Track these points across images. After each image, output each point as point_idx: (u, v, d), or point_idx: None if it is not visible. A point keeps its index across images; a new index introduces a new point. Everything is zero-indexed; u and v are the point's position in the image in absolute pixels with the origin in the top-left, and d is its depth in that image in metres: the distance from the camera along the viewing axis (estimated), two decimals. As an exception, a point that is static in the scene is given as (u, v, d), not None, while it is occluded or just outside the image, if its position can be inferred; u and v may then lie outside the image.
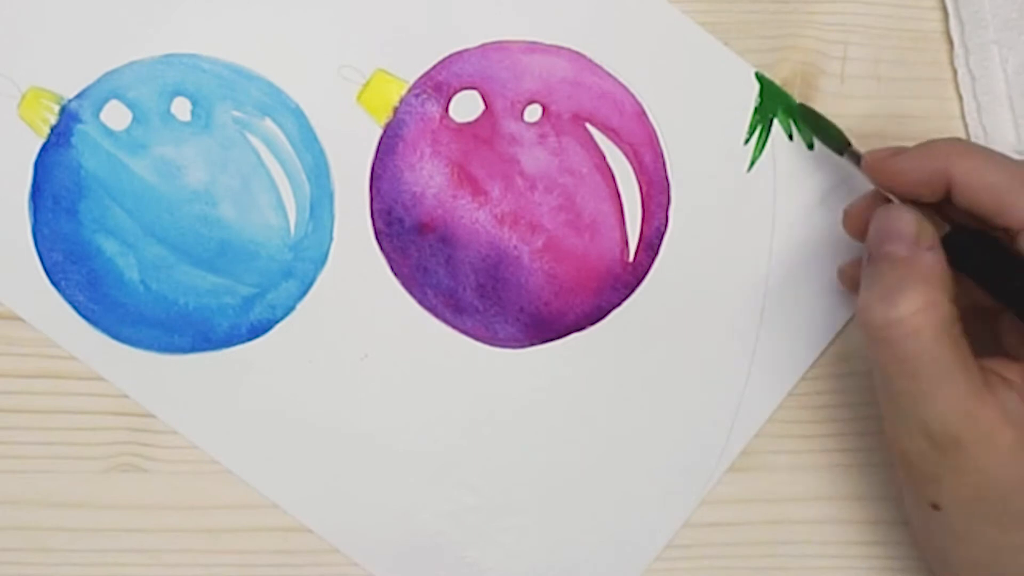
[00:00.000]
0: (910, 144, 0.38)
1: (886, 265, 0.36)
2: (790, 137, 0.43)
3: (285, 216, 0.42)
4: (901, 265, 0.36)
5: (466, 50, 0.43)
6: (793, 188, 0.43)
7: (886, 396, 0.37)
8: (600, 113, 0.43)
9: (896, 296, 0.35)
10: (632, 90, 0.43)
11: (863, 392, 0.43)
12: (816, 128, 0.42)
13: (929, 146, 0.37)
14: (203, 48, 0.42)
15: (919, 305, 0.35)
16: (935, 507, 0.36)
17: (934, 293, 0.35)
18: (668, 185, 0.43)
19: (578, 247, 0.43)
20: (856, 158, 0.39)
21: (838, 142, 0.41)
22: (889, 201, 0.38)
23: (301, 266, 0.42)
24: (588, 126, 0.43)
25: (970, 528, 0.36)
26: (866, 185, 0.40)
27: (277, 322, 0.42)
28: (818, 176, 0.43)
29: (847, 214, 0.40)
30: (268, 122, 0.42)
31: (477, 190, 0.43)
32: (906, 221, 0.36)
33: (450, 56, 0.42)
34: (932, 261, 0.35)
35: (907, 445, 0.36)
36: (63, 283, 0.42)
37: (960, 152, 0.36)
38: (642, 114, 0.43)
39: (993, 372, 0.36)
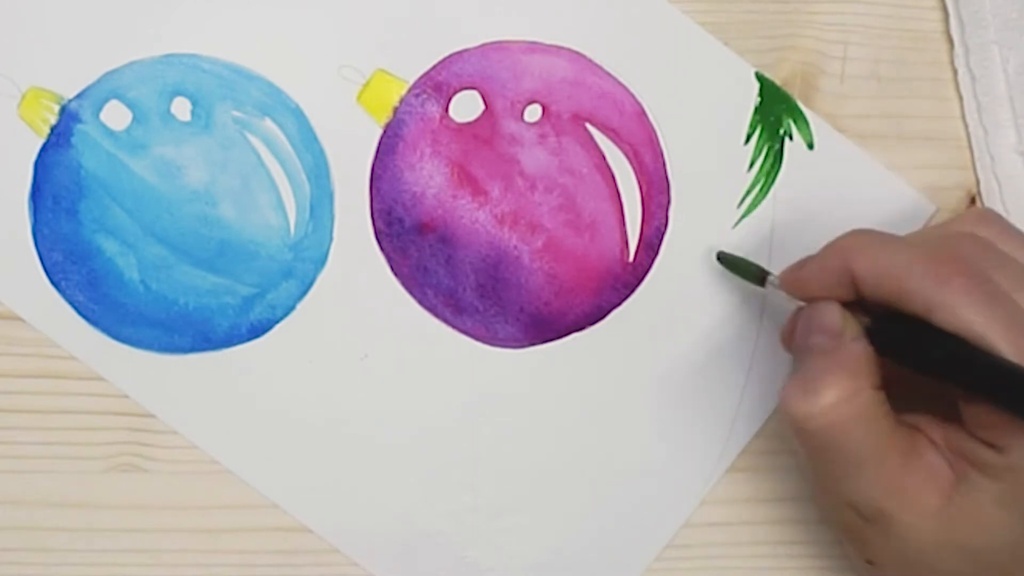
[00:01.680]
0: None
1: (810, 357, 0.37)
2: (790, 137, 0.43)
3: (285, 216, 0.42)
4: (824, 357, 0.36)
5: (466, 50, 0.43)
6: (793, 188, 0.43)
7: (812, 474, 0.37)
8: (600, 113, 0.43)
9: (817, 387, 0.35)
10: (632, 90, 0.43)
11: (863, 392, 0.43)
12: (736, 268, 0.42)
13: (829, 248, 0.38)
14: (203, 48, 0.42)
15: (839, 396, 0.35)
16: (869, 563, 0.37)
17: (855, 382, 0.35)
18: (668, 185, 0.43)
19: (578, 247, 0.43)
20: (775, 284, 0.40)
21: (757, 276, 0.41)
22: None
23: (301, 266, 0.42)
24: (588, 126, 0.43)
25: None
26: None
27: (277, 322, 0.42)
28: (818, 176, 0.43)
29: (783, 336, 0.40)
30: (268, 122, 0.42)
31: (477, 190, 0.43)
32: (830, 315, 0.37)
33: (450, 56, 0.42)
34: (856, 351, 0.36)
35: (836, 515, 0.37)
36: (63, 283, 0.42)
37: (857, 248, 0.37)
38: (642, 114, 0.43)
39: (920, 433, 0.36)
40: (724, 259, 0.42)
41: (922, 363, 0.36)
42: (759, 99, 0.43)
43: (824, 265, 0.37)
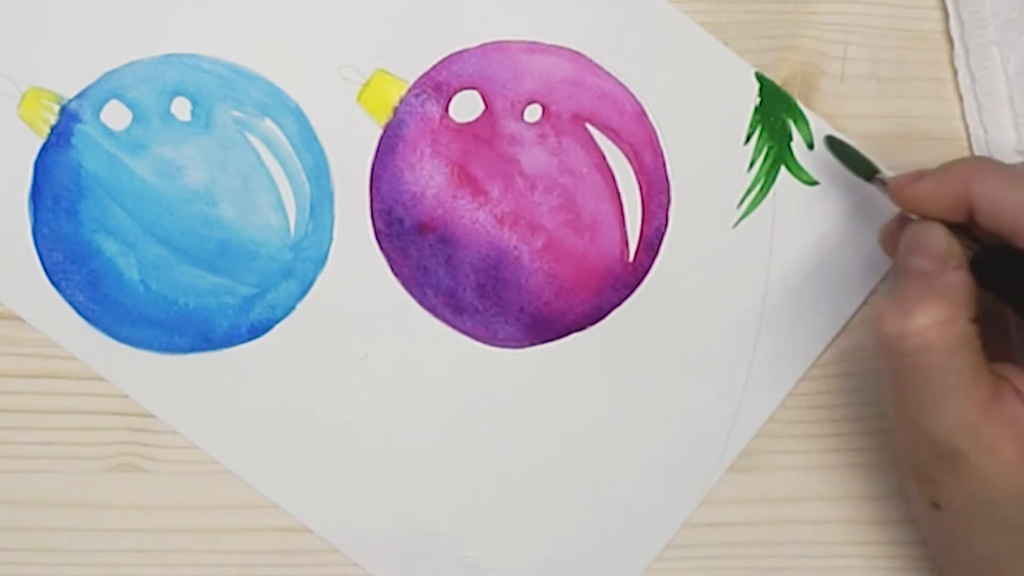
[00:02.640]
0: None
1: (910, 278, 0.36)
2: (790, 137, 0.43)
3: (285, 216, 0.42)
4: (924, 279, 0.36)
5: (466, 50, 0.43)
6: (793, 187, 0.43)
7: (894, 401, 0.37)
8: (600, 113, 0.43)
9: (913, 309, 0.35)
10: (632, 90, 0.43)
11: (864, 392, 0.43)
12: (844, 157, 0.42)
13: (950, 168, 0.37)
14: (203, 48, 0.42)
15: (935, 320, 0.35)
16: (935, 506, 0.37)
17: (952, 310, 0.35)
18: (668, 185, 0.43)
19: (578, 247, 0.43)
20: (883, 184, 0.39)
21: (867, 169, 0.41)
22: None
23: (301, 266, 0.42)
24: (588, 126, 0.43)
25: (968, 531, 0.36)
26: (877, 197, 0.40)
27: (277, 322, 0.42)
28: (818, 175, 0.43)
29: (882, 233, 0.41)
30: (268, 122, 0.42)
31: (477, 190, 0.43)
32: (935, 237, 0.37)
33: (450, 56, 0.42)
34: (956, 279, 0.36)
35: (911, 448, 0.37)
36: (63, 283, 0.42)
37: (980, 174, 0.36)
38: (642, 114, 0.43)
39: (1007, 382, 0.36)
40: (833, 144, 0.42)
41: (1021, 306, 0.35)
42: (759, 99, 0.43)
43: (942, 185, 0.37)
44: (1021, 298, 0.36)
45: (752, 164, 0.43)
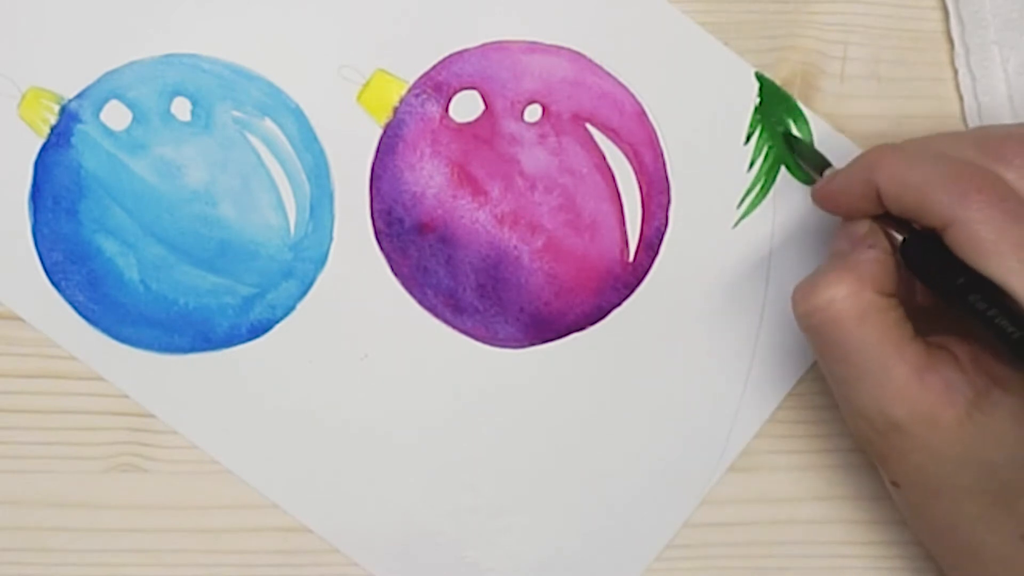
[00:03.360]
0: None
1: (828, 259, 0.38)
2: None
3: (285, 216, 0.42)
4: (837, 259, 0.37)
5: (466, 50, 0.43)
6: (793, 187, 0.43)
7: (829, 382, 0.38)
8: (600, 113, 0.43)
9: (819, 284, 0.36)
10: (632, 90, 0.43)
11: (863, 392, 0.43)
12: (799, 152, 0.42)
13: (855, 160, 0.38)
14: (203, 48, 0.42)
15: (839, 294, 0.35)
16: (895, 484, 0.37)
17: (856, 283, 0.35)
18: (668, 185, 0.43)
19: (578, 247, 0.43)
20: None
21: (818, 166, 0.41)
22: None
23: (301, 266, 0.42)
24: (588, 126, 0.43)
25: (926, 504, 0.37)
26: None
27: (277, 322, 0.42)
28: (818, 175, 0.43)
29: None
30: (268, 122, 0.42)
31: (477, 190, 0.43)
32: (859, 224, 0.37)
33: (450, 56, 0.42)
34: (867, 256, 0.36)
35: (855, 429, 0.37)
36: (63, 283, 0.42)
37: (882, 159, 0.37)
38: (642, 114, 0.43)
39: (942, 348, 0.36)
40: (791, 140, 0.42)
41: (939, 288, 0.36)
42: (759, 99, 0.43)
43: (850, 179, 0.37)
44: (937, 281, 0.36)
45: (752, 164, 0.43)
